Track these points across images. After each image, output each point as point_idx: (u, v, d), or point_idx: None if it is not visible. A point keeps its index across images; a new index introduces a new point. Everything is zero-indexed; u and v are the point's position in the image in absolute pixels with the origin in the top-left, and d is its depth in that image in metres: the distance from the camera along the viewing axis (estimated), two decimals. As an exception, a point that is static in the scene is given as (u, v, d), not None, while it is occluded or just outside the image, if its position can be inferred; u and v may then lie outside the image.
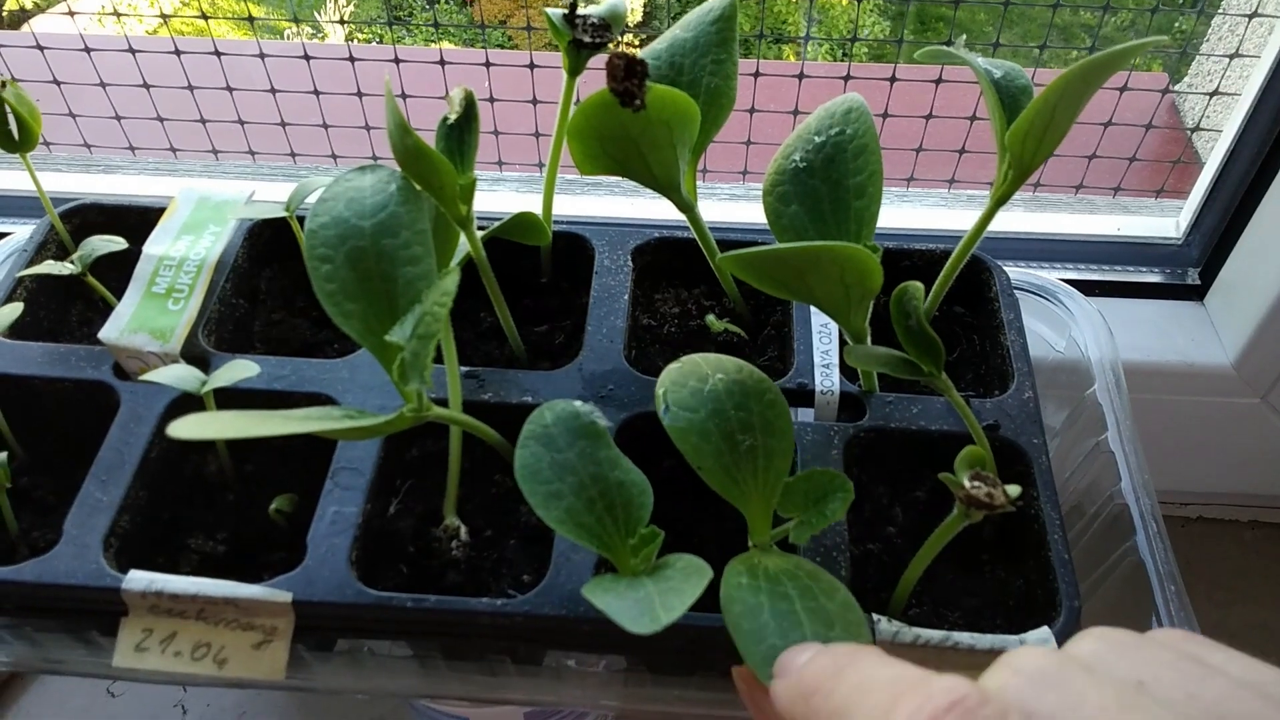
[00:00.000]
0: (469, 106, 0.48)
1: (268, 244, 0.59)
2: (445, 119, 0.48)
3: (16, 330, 0.54)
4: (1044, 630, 0.43)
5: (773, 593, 0.38)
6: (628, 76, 0.43)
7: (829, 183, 0.48)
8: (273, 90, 0.74)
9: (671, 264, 0.60)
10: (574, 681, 0.48)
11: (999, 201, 0.48)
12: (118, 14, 0.72)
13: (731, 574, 0.39)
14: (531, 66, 0.72)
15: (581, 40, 0.48)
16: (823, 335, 0.55)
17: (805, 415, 0.53)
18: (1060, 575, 0.45)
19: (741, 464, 0.40)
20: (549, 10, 0.49)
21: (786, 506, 0.42)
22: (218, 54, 0.73)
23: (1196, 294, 0.82)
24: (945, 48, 0.49)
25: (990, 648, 0.42)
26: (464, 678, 0.48)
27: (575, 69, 0.51)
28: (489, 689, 0.48)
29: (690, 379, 0.42)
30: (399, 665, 0.48)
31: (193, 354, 0.52)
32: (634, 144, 0.46)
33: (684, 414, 0.40)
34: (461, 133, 0.48)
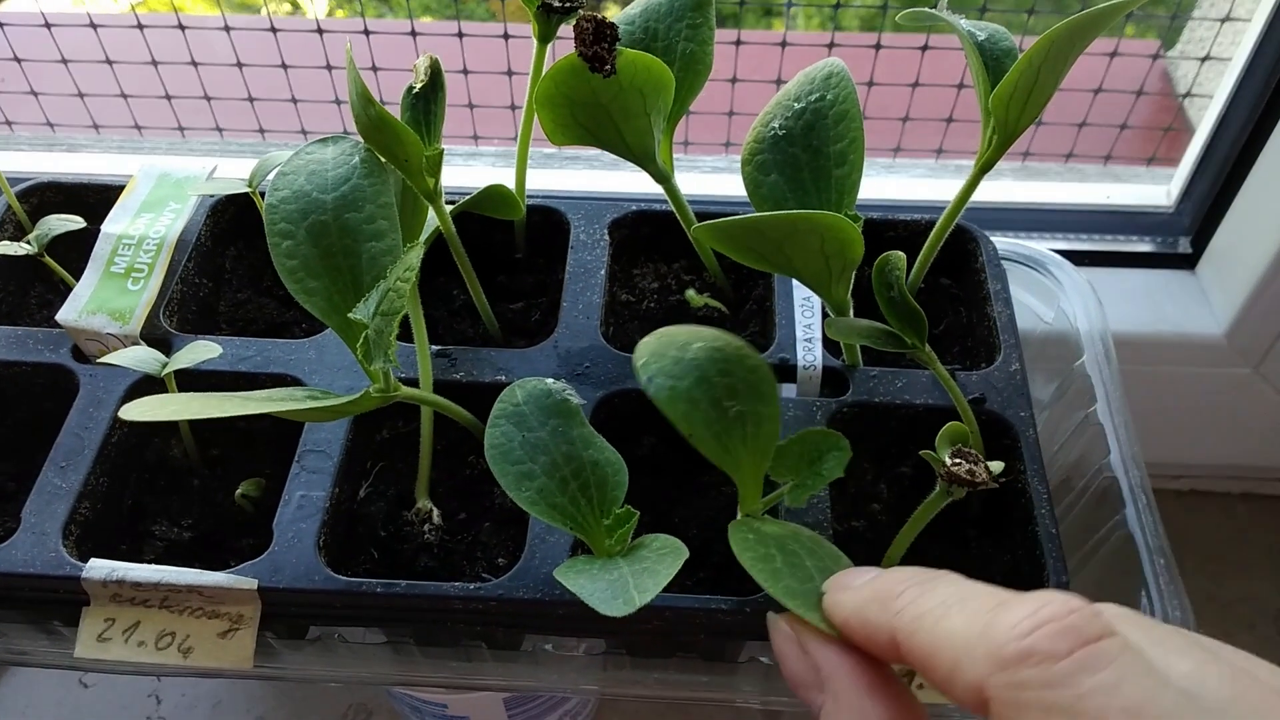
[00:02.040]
0: (435, 75, 0.46)
1: (232, 221, 0.58)
2: (410, 88, 0.46)
3: (-27, 313, 0.52)
4: (1031, 607, 0.42)
5: (781, 547, 0.37)
6: (597, 40, 0.41)
7: (809, 150, 0.47)
8: (239, 65, 0.72)
9: (650, 238, 0.58)
10: (552, 666, 0.47)
11: (984, 168, 0.46)
12: (80, -13, 0.70)
13: (737, 531, 0.38)
14: (506, 37, 0.70)
15: (551, 4, 0.46)
16: (805, 309, 0.53)
17: (788, 391, 0.52)
18: (1047, 550, 0.44)
19: (731, 430, 0.39)
20: (516, -27, 0.47)
21: (779, 470, 0.40)
22: (181, 27, 0.71)
23: (1188, 263, 0.80)
24: (928, 10, 0.47)
25: (976, 626, 0.41)
26: (439, 664, 0.47)
27: (546, 35, 0.49)
28: (465, 675, 0.47)
29: (669, 348, 0.40)
30: (372, 652, 0.47)
31: (154, 335, 0.50)
32: (605, 112, 0.45)
33: (668, 381, 0.38)
34: (427, 102, 0.46)
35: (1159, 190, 0.81)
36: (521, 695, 0.60)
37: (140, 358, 0.46)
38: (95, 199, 0.57)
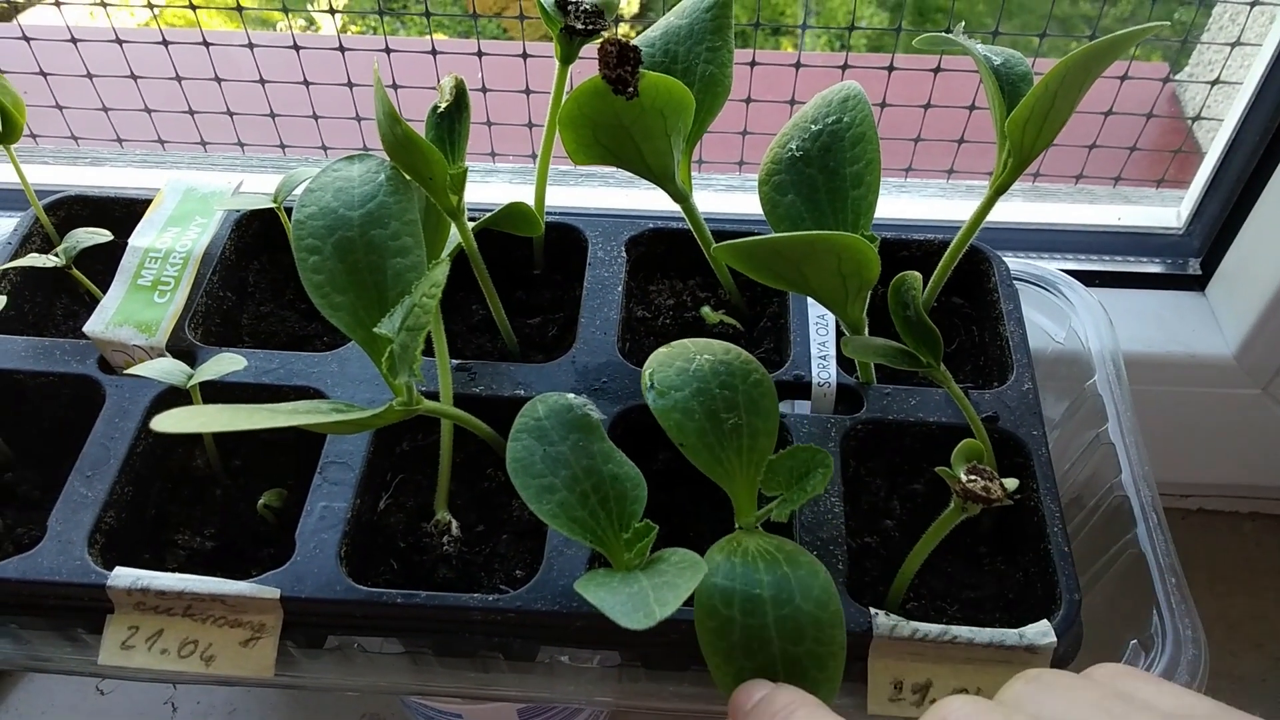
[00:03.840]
0: (459, 95, 0.47)
1: (256, 236, 0.59)
2: (435, 107, 0.47)
3: (1, 324, 0.53)
4: (1043, 624, 0.42)
5: (745, 602, 0.38)
6: (620, 63, 0.42)
7: (826, 172, 0.47)
8: (262, 81, 0.73)
9: (666, 255, 0.59)
10: (568, 677, 0.48)
11: (998, 190, 0.47)
12: (104, 3, 0.71)
13: (709, 564, 0.38)
14: (524, 56, 0.71)
15: (574, 27, 0.47)
16: (820, 327, 0.54)
17: (802, 408, 0.52)
18: (1060, 568, 0.45)
19: (726, 442, 0.40)
20: (540, -4, 0.48)
21: (770, 484, 0.42)
22: (205, 44, 0.72)
23: (1198, 284, 0.81)
24: (944, 34, 0.48)
25: (989, 642, 0.41)
26: (456, 674, 0.47)
27: (568, 57, 0.50)
28: (481, 685, 0.48)
29: (676, 359, 0.42)
30: (390, 662, 0.48)
31: (179, 347, 0.51)
32: (627, 133, 0.46)
33: (670, 393, 0.40)
34: (452, 121, 0.47)
35: (1169, 212, 0.81)
36: (536, 706, 0.60)
37: (166, 369, 0.46)
38: (121, 212, 0.58)
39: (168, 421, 0.37)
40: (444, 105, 0.46)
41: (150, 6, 0.74)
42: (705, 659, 0.36)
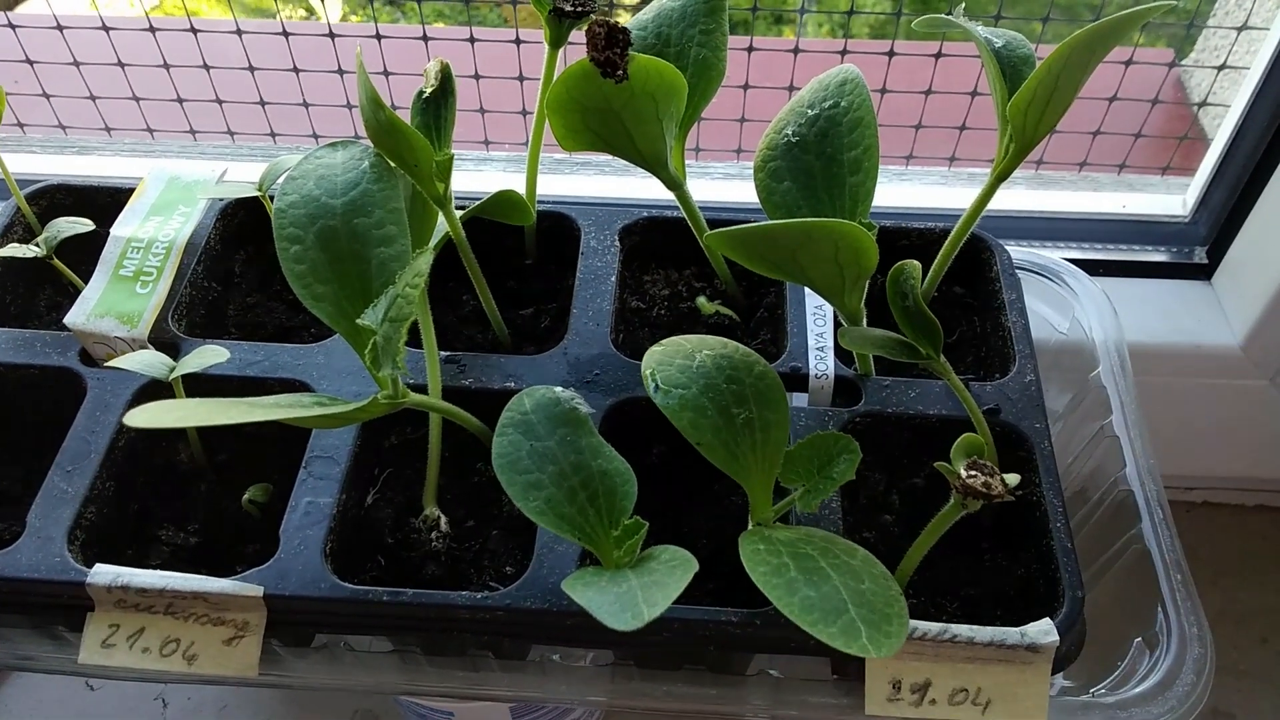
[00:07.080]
0: (445, 79, 0.46)
1: (242, 225, 0.58)
2: (420, 93, 0.46)
3: (-19, 316, 0.52)
4: (1045, 622, 0.41)
5: (794, 553, 0.38)
6: (609, 45, 0.41)
7: (822, 158, 0.46)
8: (251, 68, 0.72)
9: (661, 244, 0.58)
10: (559, 676, 0.47)
11: (1000, 177, 0.46)
12: (93, -10, 0.70)
13: (747, 542, 0.38)
14: (517, 42, 0.70)
15: (562, 9, 0.46)
16: (817, 318, 0.53)
17: (799, 400, 0.51)
18: (1063, 564, 0.44)
19: (740, 437, 0.40)
20: (529, -23, 0.47)
21: (789, 476, 0.41)
22: (193, 31, 0.70)
23: (1204, 273, 0.80)
24: (944, 17, 0.47)
25: (990, 640, 0.40)
26: (445, 673, 0.46)
27: (557, 40, 0.49)
28: (471, 684, 0.47)
29: (676, 357, 0.41)
30: (378, 661, 0.47)
31: (162, 339, 0.50)
32: (617, 117, 0.44)
33: (676, 390, 0.39)
34: (438, 107, 0.46)
35: (1174, 200, 0.80)
36: (528, 705, 0.59)
37: (148, 362, 0.45)
38: (105, 201, 0.57)
39: (143, 416, 0.36)
40: (429, 90, 0.45)
41: (139, -6, 0.73)
42: (767, 595, 0.36)
